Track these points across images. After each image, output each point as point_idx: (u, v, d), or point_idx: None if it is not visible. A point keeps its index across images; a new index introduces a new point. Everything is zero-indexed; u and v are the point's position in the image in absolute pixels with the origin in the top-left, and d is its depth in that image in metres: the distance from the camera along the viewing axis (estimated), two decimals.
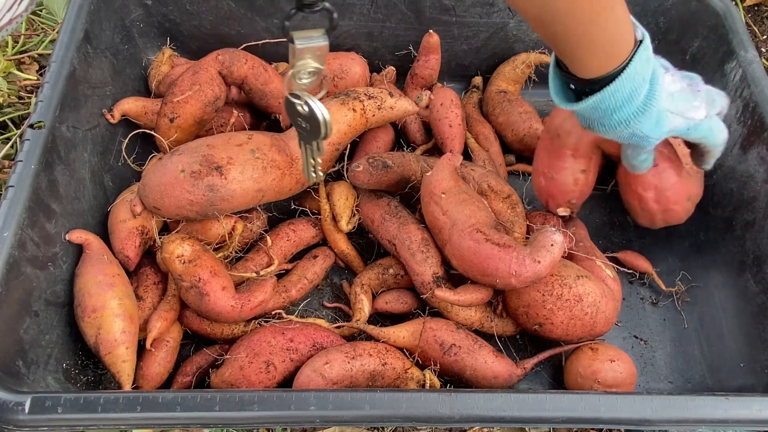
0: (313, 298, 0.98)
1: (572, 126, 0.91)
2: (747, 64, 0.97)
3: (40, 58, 1.29)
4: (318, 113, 0.63)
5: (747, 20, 1.46)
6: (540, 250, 0.80)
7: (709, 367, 0.92)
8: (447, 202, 0.86)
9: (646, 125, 0.74)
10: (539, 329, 0.85)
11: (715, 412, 0.66)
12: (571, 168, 0.94)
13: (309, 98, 0.64)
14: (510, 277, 0.79)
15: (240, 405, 0.63)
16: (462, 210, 0.85)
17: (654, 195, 0.93)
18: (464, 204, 0.86)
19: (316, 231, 0.99)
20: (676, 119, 0.76)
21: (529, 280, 0.80)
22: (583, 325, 0.84)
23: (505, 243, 0.80)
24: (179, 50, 1.13)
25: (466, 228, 0.83)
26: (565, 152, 0.93)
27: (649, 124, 0.74)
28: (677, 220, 0.96)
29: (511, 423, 0.66)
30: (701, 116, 0.78)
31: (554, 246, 0.80)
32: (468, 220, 0.84)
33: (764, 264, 0.88)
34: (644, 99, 0.71)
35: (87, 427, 0.65)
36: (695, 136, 0.81)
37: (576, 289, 0.83)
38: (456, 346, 0.84)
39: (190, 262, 0.82)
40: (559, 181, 0.95)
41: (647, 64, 0.70)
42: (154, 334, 0.82)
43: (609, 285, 0.89)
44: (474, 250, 0.81)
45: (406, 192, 0.97)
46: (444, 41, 1.13)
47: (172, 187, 0.82)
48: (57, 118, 0.84)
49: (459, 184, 0.89)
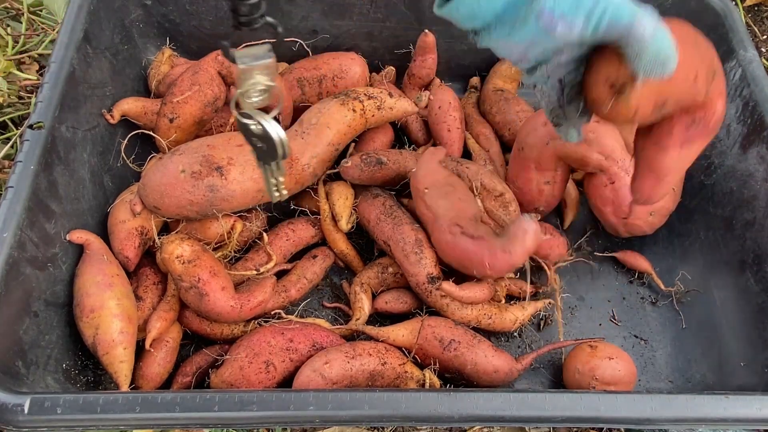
0: (313, 298, 0.98)
1: (534, 141, 0.93)
2: (747, 63, 0.97)
3: (40, 58, 1.29)
4: (273, 133, 0.60)
5: (747, 20, 1.46)
6: (513, 240, 0.80)
7: (709, 366, 0.92)
8: (430, 197, 0.88)
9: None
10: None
11: (715, 410, 0.66)
12: (536, 180, 0.96)
13: (262, 117, 0.60)
14: (484, 269, 0.81)
15: (239, 405, 0.63)
16: (443, 203, 0.86)
17: (612, 210, 0.95)
18: (446, 197, 0.87)
19: (315, 231, 0.99)
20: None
21: (503, 271, 0.81)
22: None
23: (479, 235, 0.82)
24: (179, 50, 1.13)
25: (445, 222, 0.85)
26: (530, 165, 0.95)
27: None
28: (640, 233, 0.98)
29: (511, 422, 0.66)
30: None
31: (526, 235, 0.79)
32: (447, 214, 0.85)
33: (764, 263, 0.88)
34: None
35: (86, 427, 0.65)
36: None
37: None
38: (455, 341, 0.84)
39: (190, 263, 0.82)
40: (525, 190, 0.98)
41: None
42: (154, 335, 0.82)
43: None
44: (452, 244, 0.83)
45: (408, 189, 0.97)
46: (444, 41, 1.13)
47: (173, 187, 0.82)
48: (56, 118, 0.84)
49: (444, 177, 0.90)
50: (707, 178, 1.01)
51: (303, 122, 0.94)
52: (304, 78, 1.04)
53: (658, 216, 0.96)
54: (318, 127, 0.92)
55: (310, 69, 1.04)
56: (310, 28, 1.12)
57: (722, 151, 0.99)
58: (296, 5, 1.08)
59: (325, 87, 1.04)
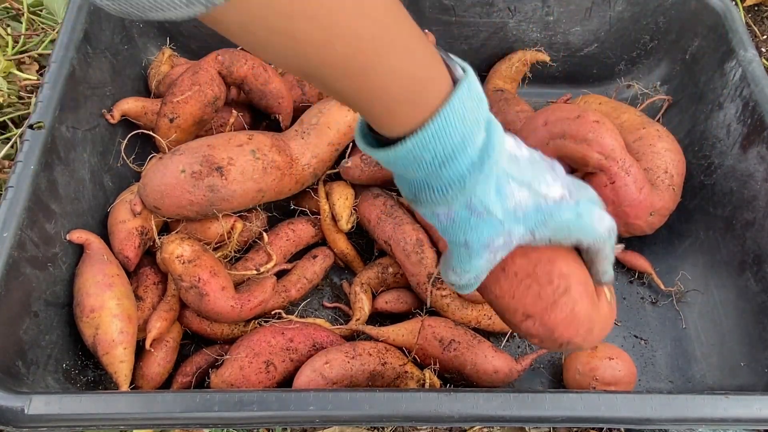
0: (313, 298, 0.98)
1: (534, 141, 0.92)
2: (747, 63, 0.97)
3: (40, 58, 1.29)
4: None
5: (747, 20, 1.46)
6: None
7: (709, 367, 0.92)
8: None
9: (486, 190, 0.52)
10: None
11: (715, 411, 0.66)
12: None
13: None
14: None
15: (239, 405, 0.63)
16: None
17: (612, 209, 0.94)
18: None
19: (315, 230, 0.99)
20: (522, 191, 0.54)
21: None
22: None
23: None
24: (179, 50, 1.13)
25: None
26: None
27: (489, 188, 0.52)
28: (640, 233, 0.97)
29: (511, 422, 0.66)
30: (556, 195, 0.55)
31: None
32: None
33: (765, 263, 0.88)
34: (481, 149, 0.50)
35: (86, 427, 0.65)
36: (556, 226, 0.55)
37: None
38: (455, 341, 0.84)
39: (190, 263, 0.82)
40: None
41: (478, 104, 0.51)
42: (154, 335, 0.82)
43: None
44: None
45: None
46: (444, 41, 1.13)
47: (173, 188, 0.82)
48: (57, 118, 0.84)
49: None
50: (707, 178, 1.01)
51: (303, 122, 0.94)
52: None
53: (658, 216, 0.96)
54: (318, 127, 0.92)
55: None
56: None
57: (722, 151, 0.99)
58: None
59: None
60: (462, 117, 0.49)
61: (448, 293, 0.87)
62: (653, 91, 1.16)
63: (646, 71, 1.19)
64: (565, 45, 1.17)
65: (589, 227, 0.57)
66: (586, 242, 0.57)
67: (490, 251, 0.55)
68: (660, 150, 0.97)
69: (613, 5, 1.12)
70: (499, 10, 1.11)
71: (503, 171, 0.53)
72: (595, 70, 1.21)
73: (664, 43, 1.14)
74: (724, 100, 1.00)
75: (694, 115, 1.06)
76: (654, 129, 1.00)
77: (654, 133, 0.99)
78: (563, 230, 0.56)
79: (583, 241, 0.57)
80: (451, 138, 0.49)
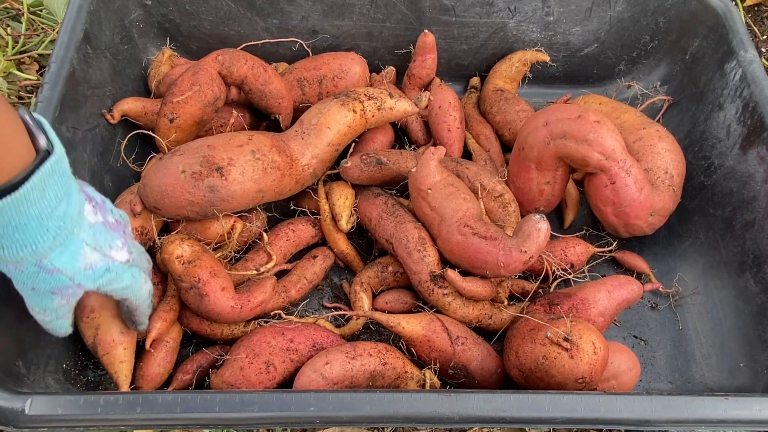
0: (313, 298, 0.98)
1: (534, 141, 0.93)
2: (747, 63, 0.97)
3: (40, 58, 1.29)
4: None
5: (747, 20, 1.46)
6: (526, 239, 0.81)
7: (708, 367, 0.92)
8: (434, 197, 0.88)
9: (59, 254, 0.61)
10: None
11: (714, 412, 0.66)
12: (536, 179, 0.97)
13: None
14: (499, 269, 0.82)
15: (240, 406, 0.63)
16: (449, 204, 0.86)
17: (612, 210, 0.95)
18: (451, 198, 0.87)
19: (315, 231, 0.99)
20: (94, 254, 0.65)
21: (518, 269, 0.82)
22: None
23: (491, 235, 0.82)
24: (179, 50, 1.13)
25: (453, 223, 0.85)
26: (530, 165, 0.95)
27: (63, 253, 0.62)
28: (640, 233, 0.98)
29: (511, 423, 0.66)
30: (123, 258, 0.69)
31: (540, 234, 0.81)
32: (455, 215, 0.85)
33: (764, 264, 0.88)
34: (58, 221, 0.59)
35: (86, 427, 0.65)
36: (118, 286, 0.69)
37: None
38: (462, 337, 0.85)
39: (190, 263, 0.82)
40: (525, 190, 0.98)
41: (61, 180, 0.59)
42: (154, 335, 0.82)
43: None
44: (463, 244, 0.83)
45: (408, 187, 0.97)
46: (444, 41, 1.13)
47: (173, 188, 0.82)
48: (57, 118, 0.84)
49: (444, 177, 0.90)
50: (707, 179, 1.01)
51: (303, 122, 0.94)
52: (304, 78, 1.04)
53: (658, 217, 0.96)
54: (318, 127, 0.92)
55: (310, 69, 1.04)
56: (310, 28, 1.12)
57: (722, 152, 0.99)
58: (296, 5, 1.08)
59: (326, 87, 1.04)
60: (42, 192, 0.56)
61: (450, 292, 0.87)
62: (653, 92, 1.16)
63: (646, 71, 1.19)
64: (565, 45, 1.17)
65: (138, 290, 0.72)
66: (132, 300, 0.73)
67: (61, 297, 0.65)
68: (660, 150, 0.97)
69: (613, 5, 1.12)
70: (499, 11, 1.11)
71: (79, 239, 0.62)
72: (595, 70, 1.21)
73: (664, 44, 1.15)
74: (724, 101, 1.00)
75: (694, 116, 1.07)
76: (654, 129, 1.00)
77: (654, 134, 0.99)
78: (123, 289, 0.70)
79: (131, 300, 0.73)
80: (27, 210, 0.55)
